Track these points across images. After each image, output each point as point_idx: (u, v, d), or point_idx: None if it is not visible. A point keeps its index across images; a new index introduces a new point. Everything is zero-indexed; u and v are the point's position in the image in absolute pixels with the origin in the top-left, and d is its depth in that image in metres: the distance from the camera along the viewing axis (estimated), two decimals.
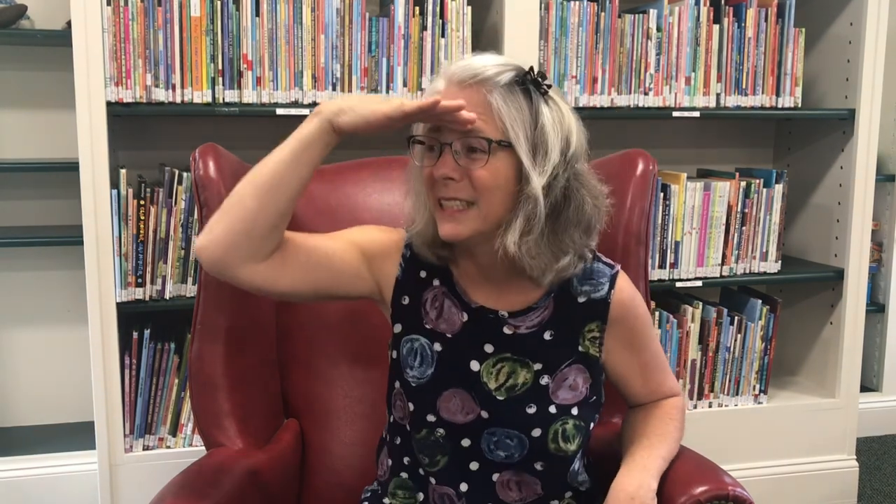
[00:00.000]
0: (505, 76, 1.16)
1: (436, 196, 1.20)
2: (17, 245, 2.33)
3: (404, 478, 1.32)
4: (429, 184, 1.21)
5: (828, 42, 2.54)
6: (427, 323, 1.28)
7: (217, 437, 1.46)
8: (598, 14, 2.25)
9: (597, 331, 1.30)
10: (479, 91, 1.16)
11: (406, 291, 1.30)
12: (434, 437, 1.25)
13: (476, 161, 1.16)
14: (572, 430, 1.26)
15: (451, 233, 1.20)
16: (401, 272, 1.30)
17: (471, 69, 1.17)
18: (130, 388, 2.09)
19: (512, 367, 1.27)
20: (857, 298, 2.51)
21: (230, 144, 1.61)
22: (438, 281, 1.30)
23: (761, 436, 2.50)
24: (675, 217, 2.35)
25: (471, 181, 1.17)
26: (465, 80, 1.17)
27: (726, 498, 1.24)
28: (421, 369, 1.27)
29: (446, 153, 1.17)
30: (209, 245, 1.17)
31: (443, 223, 1.20)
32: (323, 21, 2.09)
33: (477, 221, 1.19)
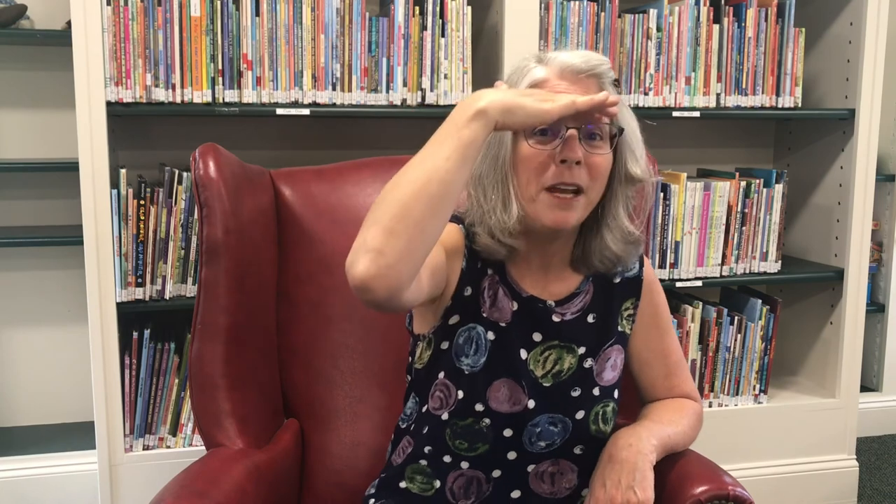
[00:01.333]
0: (609, 73, 1.23)
1: (550, 181, 1.18)
2: (17, 245, 2.33)
3: (423, 465, 1.31)
4: (541, 168, 1.19)
5: (828, 42, 2.54)
6: (483, 311, 1.28)
7: (217, 437, 1.46)
8: (598, 14, 2.25)
9: (632, 308, 1.37)
10: (595, 83, 1.21)
11: (469, 282, 1.28)
12: (479, 425, 1.26)
13: (597, 148, 1.19)
14: (611, 413, 1.31)
15: (562, 220, 1.19)
16: (465, 263, 1.28)
17: (590, 61, 1.20)
18: (130, 388, 2.09)
19: (559, 353, 1.29)
20: (857, 298, 2.51)
21: (230, 144, 1.61)
22: (492, 270, 1.30)
23: (761, 436, 2.50)
24: (675, 217, 2.35)
25: (589, 169, 1.19)
26: (584, 71, 1.19)
27: (726, 498, 1.24)
28: (475, 357, 1.27)
29: (573, 138, 1.17)
30: (386, 272, 1.00)
31: (553, 210, 1.19)
32: (323, 21, 2.09)
33: (582, 209, 1.21)
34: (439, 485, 1.30)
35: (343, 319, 1.58)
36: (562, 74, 1.20)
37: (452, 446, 1.27)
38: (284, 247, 1.61)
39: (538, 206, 1.20)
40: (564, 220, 1.20)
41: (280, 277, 1.60)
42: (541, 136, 1.19)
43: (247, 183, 1.53)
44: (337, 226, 1.61)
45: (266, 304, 1.56)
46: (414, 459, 1.32)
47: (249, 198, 1.52)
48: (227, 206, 1.46)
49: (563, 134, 1.17)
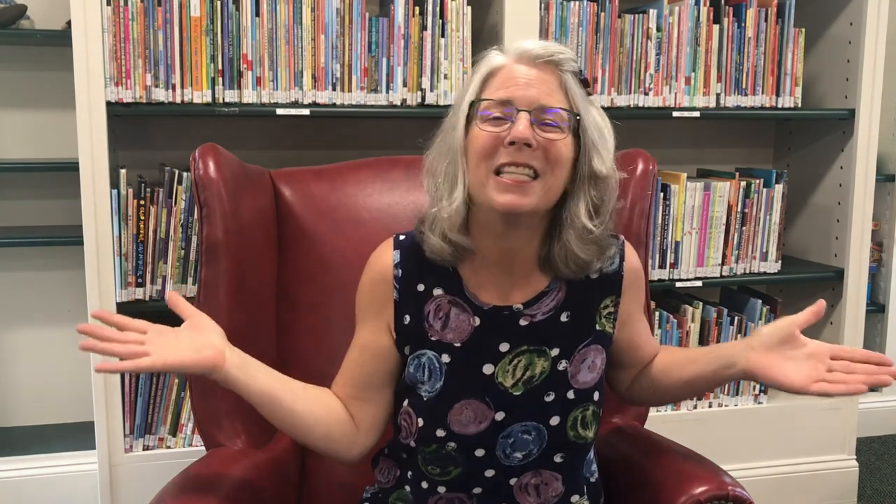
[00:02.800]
0: (572, 64, 1.20)
1: (499, 162, 1.14)
2: (17, 245, 2.32)
3: (406, 490, 1.30)
4: (488, 151, 1.15)
5: (828, 42, 2.54)
6: (432, 335, 1.24)
7: (217, 437, 1.46)
8: (598, 14, 2.25)
9: (611, 306, 1.29)
10: (554, 70, 1.18)
11: (406, 310, 1.25)
12: (445, 450, 1.23)
13: (551, 133, 1.15)
14: (591, 416, 1.25)
15: (515, 203, 1.14)
16: (397, 294, 1.26)
17: (549, 48, 1.18)
18: (130, 388, 2.09)
19: (529, 358, 1.24)
20: (857, 298, 2.51)
21: (230, 144, 1.61)
22: (441, 290, 1.25)
23: (761, 436, 2.50)
24: (675, 217, 2.35)
25: (546, 153, 1.15)
26: (542, 56, 1.17)
27: (726, 498, 1.24)
28: (431, 383, 1.23)
29: (523, 118, 1.14)
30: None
31: (504, 194, 1.14)
32: (323, 21, 2.09)
33: (539, 196, 1.15)
34: None
35: (343, 319, 1.58)
36: (519, 59, 1.18)
37: (426, 472, 1.25)
38: (284, 247, 1.61)
39: (489, 191, 1.15)
40: (516, 202, 1.14)
41: (280, 278, 1.60)
42: (493, 121, 1.16)
43: (247, 183, 1.53)
44: (337, 226, 1.61)
45: (266, 305, 1.56)
46: (398, 485, 1.32)
47: (249, 198, 1.52)
48: (226, 206, 1.46)
49: (513, 117, 1.15)
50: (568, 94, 1.18)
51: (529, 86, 1.16)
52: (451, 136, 1.20)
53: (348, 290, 1.33)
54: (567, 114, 1.17)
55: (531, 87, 1.16)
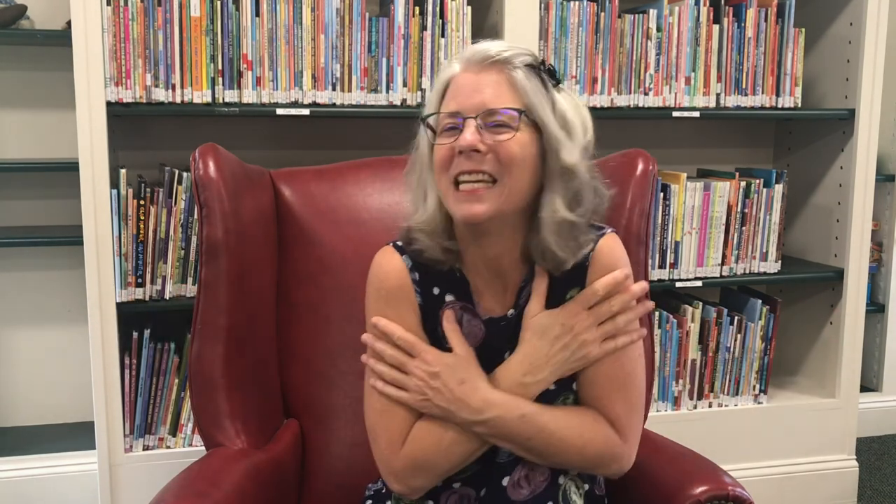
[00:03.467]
0: (523, 59, 1.18)
1: (454, 173, 1.16)
2: (17, 245, 2.33)
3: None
4: (445, 163, 1.18)
5: (828, 42, 2.54)
6: (446, 343, 1.25)
7: (217, 437, 1.46)
8: (597, 14, 2.25)
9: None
10: (501, 70, 1.17)
11: (427, 316, 1.27)
12: None
13: (502, 134, 1.15)
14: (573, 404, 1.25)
15: (470, 212, 1.15)
16: (420, 298, 1.26)
17: (491, 50, 1.17)
18: (130, 388, 2.09)
19: None
20: (857, 298, 2.51)
21: (230, 144, 1.61)
22: (453, 296, 1.26)
23: (761, 436, 2.50)
24: (675, 217, 2.35)
25: (497, 155, 1.15)
26: (487, 59, 1.17)
27: (726, 498, 1.24)
28: None
29: (470, 125, 1.15)
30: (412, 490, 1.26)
31: (461, 204, 1.16)
32: (323, 21, 2.09)
33: (499, 199, 1.15)
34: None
35: (342, 319, 1.58)
36: (468, 66, 1.19)
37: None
38: (284, 247, 1.61)
39: (450, 202, 1.18)
40: (473, 212, 1.15)
41: (280, 278, 1.60)
42: (448, 132, 1.18)
43: (247, 183, 1.53)
44: (337, 226, 1.61)
45: (266, 305, 1.56)
46: None
47: (249, 198, 1.52)
48: (226, 206, 1.46)
49: (456, 126, 1.17)
50: (518, 90, 1.17)
51: (476, 92, 1.16)
52: (418, 151, 1.24)
53: (348, 290, 1.33)
54: (516, 112, 1.16)
55: (477, 93, 1.16)
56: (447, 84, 1.21)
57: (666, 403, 2.43)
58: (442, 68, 1.24)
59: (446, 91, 1.21)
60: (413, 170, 1.26)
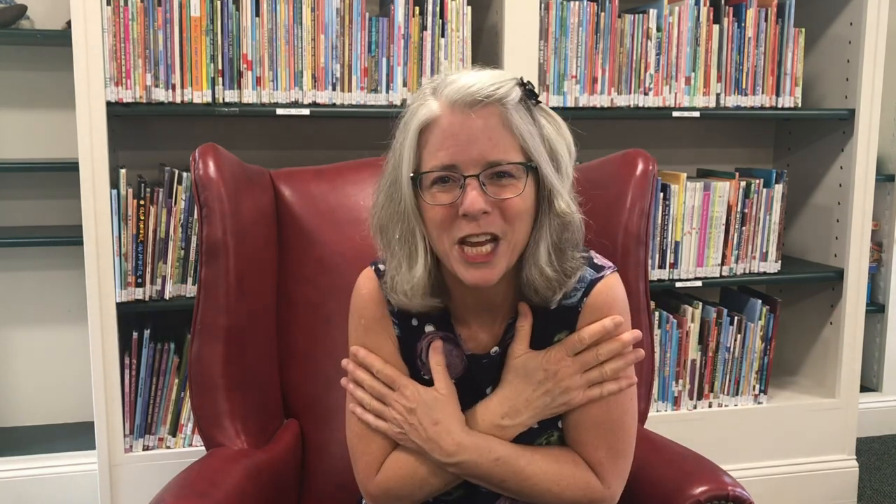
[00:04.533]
0: (514, 93, 1.07)
1: (457, 236, 1.07)
2: (17, 245, 2.33)
3: None
4: (445, 223, 1.08)
5: (828, 42, 2.54)
6: (425, 373, 1.22)
7: (217, 437, 1.46)
8: (598, 14, 2.25)
9: None
10: (494, 111, 1.06)
11: (404, 345, 1.23)
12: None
13: (507, 188, 1.07)
14: (556, 442, 1.21)
15: (482, 279, 1.09)
16: (398, 330, 1.22)
17: (479, 89, 1.05)
18: (130, 388, 2.09)
19: None
20: (857, 298, 2.51)
21: (230, 144, 1.61)
22: (433, 326, 1.21)
23: (761, 436, 2.50)
24: (675, 217, 2.35)
25: (503, 213, 1.07)
26: (478, 100, 1.05)
27: (726, 498, 1.24)
28: None
29: (472, 186, 1.05)
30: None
31: (469, 269, 1.08)
32: (323, 21, 2.09)
33: (506, 257, 1.09)
34: None
35: (342, 319, 1.57)
36: (454, 107, 1.06)
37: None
38: (284, 247, 1.61)
39: (455, 264, 1.09)
40: (485, 278, 1.09)
41: (280, 278, 1.60)
42: (441, 184, 1.08)
43: (247, 183, 1.53)
44: (337, 226, 1.61)
45: (266, 305, 1.56)
46: None
47: (249, 198, 1.52)
48: (226, 206, 1.46)
49: (462, 183, 1.06)
50: (515, 133, 1.07)
51: (472, 141, 1.06)
52: (401, 203, 1.11)
53: (348, 289, 1.32)
54: (520, 166, 1.08)
55: (474, 143, 1.06)
56: (424, 127, 1.09)
57: (666, 403, 2.43)
58: (413, 107, 1.12)
59: (425, 135, 1.09)
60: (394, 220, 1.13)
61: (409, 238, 1.12)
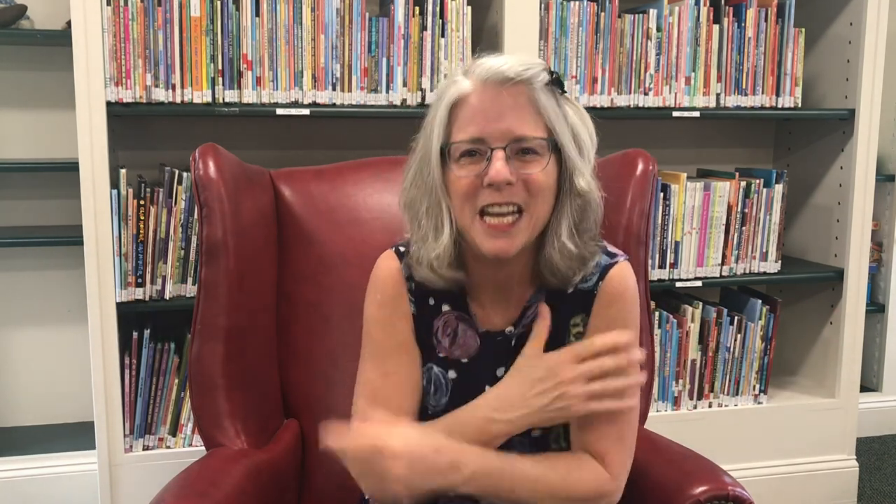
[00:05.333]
0: (542, 76, 1.13)
1: (480, 205, 1.12)
2: (17, 245, 2.33)
3: None
4: (469, 194, 1.13)
5: (828, 42, 2.54)
6: (440, 351, 1.24)
7: (217, 437, 1.46)
8: (598, 14, 2.25)
9: (581, 325, 1.24)
10: (523, 90, 1.12)
11: (421, 323, 1.25)
12: None
13: (531, 164, 1.12)
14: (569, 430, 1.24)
15: (502, 249, 1.13)
16: (414, 308, 1.25)
17: (509, 69, 1.11)
18: (130, 388, 2.09)
19: None
20: (857, 298, 2.51)
21: (230, 144, 1.61)
22: (449, 306, 1.24)
23: (761, 436, 2.50)
24: (675, 217, 2.35)
25: (526, 185, 1.12)
26: (509, 79, 1.10)
27: (726, 498, 1.24)
28: (437, 397, 1.24)
29: (498, 157, 1.10)
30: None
31: (489, 239, 1.13)
32: (323, 21, 2.09)
33: (527, 230, 1.14)
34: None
35: (342, 319, 1.58)
36: (485, 85, 1.12)
37: None
38: (284, 247, 1.61)
39: (476, 234, 1.14)
40: (504, 248, 1.13)
41: (280, 277, 1.60)
42: (468, 157, 1.13)
43: (247, 183, 1.53)
44: (336, 226, 1.61)
45: (266, 305, 1.56)
46: None
47: (249, 198, 1.52)
48: (226, 206, 1.46)
49: (489, 155, 1.11)
50: (541, 113, 1.13)
51: (501, 116, 1.11)
52: (428, 175, 1.17)
53: (348, 289, 1.33)
54: (545, 140, 1.13)
55: (502, 118, 1.11)
56: (457, 102, 1.14)
57: (666, 403, 2.43)
58: (445, 85, 1.17)
59: (456, 110, 1.14)
60: (422, 195, 1.18)
61: (436, 210, 1.16)
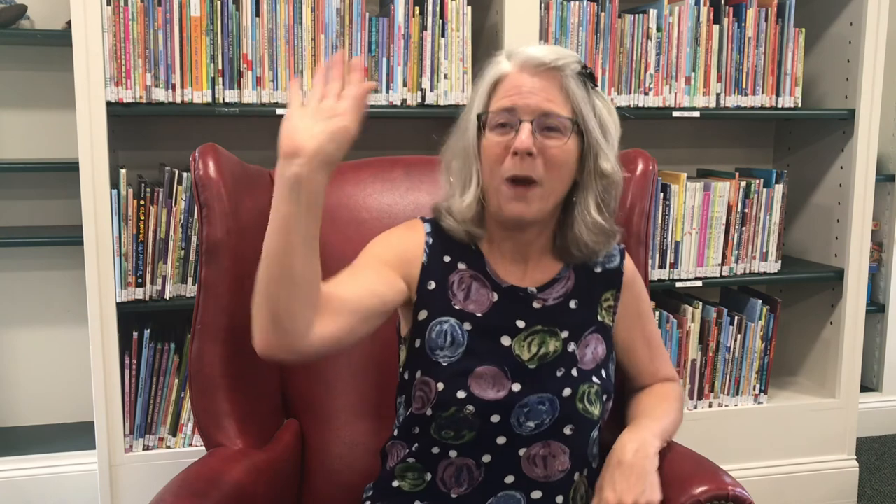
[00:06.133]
0: (574, 66, 1.26)
1: (506, 173, 1.24)
2: (17, 245, 2.33)
3: (411, 462, 1.32)
4: (497, 159, 1.25)
5: (828, 42, 2.54)
6: (455, 304, 1.31)
7: (217, 437, 1.46)
8: (598, 14, 2.25)
9: (612, 299, 1.39)
10: (556, 76, 1.25)
11: (432, 276, 1.32)
12: (463, 413, 1.25)
13: (552, 139, 1.24)
14: (595, 395, 1.31)
15: (519, 212, 1.25)
16: (426, 258, 1.33)
17: (546, 57, 1.24)
18: (130, 388, 2.09)
19: (542, 337, 1.32)
20: (857, 298, 2.51)
21: (230, 144, 1.61)
22: (465, 264, 1.33)
23: (761, 436, 2.51)
24: (675, 217, 2.35)
25: (545, 159, 1.23)
26: (544, 64, 1.24)
27: (726, 498, 1.24)
28: (452, 349, 1.28)
29: (524, 128, 1.23)
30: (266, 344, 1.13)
31: (510, 202, 1.25)
32: (323, 21, 2.09)
33: (541, 201, 1.25)
34: (430, 477, 1.30)
35: None
36: (523, 67, 1.26)
37: (439, 437, 1.28)
38: None
39: (501, 197, 1.26)
40: (520, 211, 1.25)
41: None
42: (500, 128, 1.25)
43: (247, 183, 1.53)
44: (336, 226, 1.61)
45: None
46: (404, 459, 1.33)
47: (249, 198, 1.52)
48: (227, 206, 1.46)
49: (517, 126, 1.24)
50: (570, 97, 1.25)
51: (532, 93, 1.24)
52: (465, 139, 1.31)
53: None
54: (568, 120, 1.24)
55: (533, 95, 1.24)
56: (498, 80, 1.28)
57: None
58: (490, 65, 1.30)
59: (496, 87, 1.28)
60: (457, 156, 1.33)
61: (467, 170, 1.30)
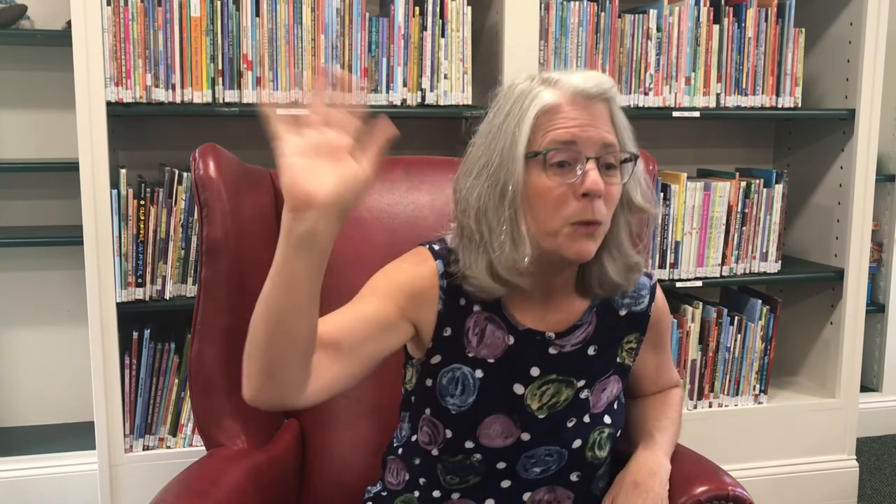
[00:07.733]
0: (615, 92, 1.19)
1: (575, 217, 1.12)
2: (17, 245, 2.33)
3: (414, 496, 1.29)
4: (561, 201, 1.12)
5: (828, 42, 2.54)
6: (469, 351, 1.23)
7: (217, 437, 1.46)
8: (598, 14, 2.25)
9: (635, 342, 1.33)
10: (606, 107, 1.17)
11: (448, 323, 1.22)
12: (470, 461, 1.23)
13: (612, 177, 1.15)
14: (605, 439, 1.28)
15: (586, 252, 1.14)
16: (442, 305, 1.21)
17: (601, 84, 1.15)
18: (130, 388, 2.09)
19: (557, 387, 1.25)
20: (857, 298, 2.51)
21: (230, 144, 1.61)
22: (479, 306, 1.23)
23: (761, 436, 2.50)
24: (675, 217, 2.35)
25: (607, 198, 1.14)
26: (595, 95, 1.15)
27: (726, 498, 1.24)
28: (462, 397, 1.23)
29: (592, 167, 1.12)
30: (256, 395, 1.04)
31: (577, 242, 1.13)
32: (323, 21, 2.09)
33: (601, 238, 1.17)
34: None
35: None
36: (574, 100, 1.14)
37: (443, 481, 1.25)
38: None
39: (560, 240, 1.14)
40: (588, 251, 1.14)
41: None
42: (559, 167, 1.13)
43: (247, 183, 1.53)
44: None
45: None
46: (407, 489, 1.31)
47: (249, 198, 1.52)
48: (227, 206, 1.46)
49: (582, 165, 1.12)
50: (619, 127, 1.18)
51: (590, 125, 1.14)
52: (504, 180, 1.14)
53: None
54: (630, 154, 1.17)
55: (592, 127, 1.14)
56: (543, 111, 1.14)
57: None
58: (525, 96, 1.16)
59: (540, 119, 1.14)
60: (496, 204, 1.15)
61: (513, 218, 1.15)
